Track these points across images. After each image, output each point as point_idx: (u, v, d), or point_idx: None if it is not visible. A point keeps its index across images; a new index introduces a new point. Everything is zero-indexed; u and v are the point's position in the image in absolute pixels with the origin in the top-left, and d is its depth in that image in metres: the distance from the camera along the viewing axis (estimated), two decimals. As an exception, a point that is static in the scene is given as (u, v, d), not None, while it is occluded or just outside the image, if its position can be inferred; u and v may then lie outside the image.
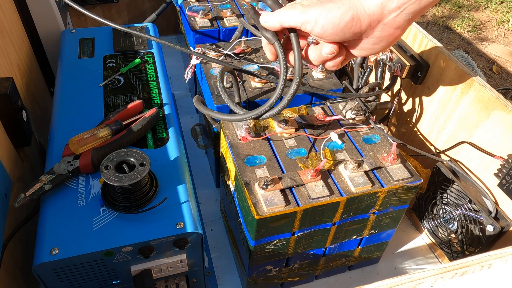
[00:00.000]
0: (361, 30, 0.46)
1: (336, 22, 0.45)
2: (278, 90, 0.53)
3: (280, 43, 0.51)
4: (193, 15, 0.98)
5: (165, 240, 0.56)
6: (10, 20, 0.85)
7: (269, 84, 0.80)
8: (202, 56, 0.79)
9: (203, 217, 0.90)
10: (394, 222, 0.72)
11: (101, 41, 0.91)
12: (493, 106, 0.68)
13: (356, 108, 0.73)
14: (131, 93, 0.78)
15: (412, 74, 0.82)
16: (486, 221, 0.69)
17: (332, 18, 0.45)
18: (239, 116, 0.60)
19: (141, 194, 0.58)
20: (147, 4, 1.40)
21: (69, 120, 0.72)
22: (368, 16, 0.45)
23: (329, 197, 0.60)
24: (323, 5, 0.45)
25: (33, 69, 0.95)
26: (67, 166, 0.61)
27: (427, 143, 0.85)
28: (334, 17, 0.45)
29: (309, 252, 0.70)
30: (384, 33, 0.46)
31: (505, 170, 0.66)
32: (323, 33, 0.46)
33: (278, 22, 0.49)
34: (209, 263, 0.81)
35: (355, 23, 0.45)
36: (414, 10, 0.44)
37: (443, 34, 2.35)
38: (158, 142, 0.69)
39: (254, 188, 0.60)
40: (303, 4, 0.47)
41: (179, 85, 1.26)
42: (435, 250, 0.87)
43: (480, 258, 0.41)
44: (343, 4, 0.45)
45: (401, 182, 0.63)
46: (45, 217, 0.58)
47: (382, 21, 0.45)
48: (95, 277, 0.59)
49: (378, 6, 0.44)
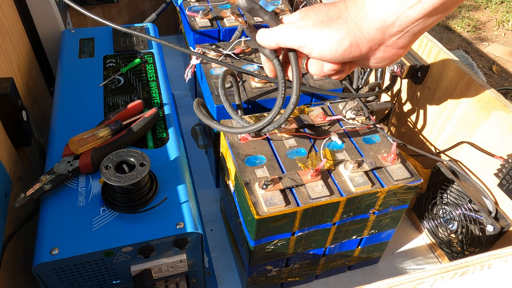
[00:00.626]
0: (361, 54, 0.44)
1: (333, 49, 0.43)
2: (276, 107, 0.53)
3: (279, 61, 0.50)
4: (193, 15, 0.98)
5: (165, 240, 0.56)
6: (10, 20, 0.85)
7: (269, 84, 0.80)
8: (202, 56, 0.79)
9: (203, 217, 0.90)
10: (394, 222, 0.72)
11: (101, 41, 0.91)
12: (493, 106, 0.68)
13: (356, 108, 0.73)
14: (131, 93, 0.78)
15: (412, 74, 0.82)
16: (486, 221, 0.69)
17: (328, 45, 0.43)
18: (238, 130, 0.61)
19: (141, 194, 0.58)
20: (147, 4, 1.40)
21: (69, 120, 0.72)
22: (368, 41, 0.42)
23: (329, 197, 0.60)
24: (319, 30, 0.43)
25: (33, 69, 0.95)
26: (67, 166, 0.61)
27: (427, 143, 0.85)
28: (331, 44, 0.43)
29: (309, 252, 0.70)
30: (387, 54, 0.44)
31: (505, 170, 0.66)
32: (321, 57, 0.45)
33: (274, 42, 0.47)
34: (209, 263, 0.81)
35: (354, 49, 0.43)
36: (419, 30, 0.41)
37: (443, 34, 2.35)
38: (158, 142, 0.69)
39: (254, 188, 0.60)
40: (299, 25, 0.44)
41: (179, 85, 1.26)
42: (435, 250, 0.87)
43: (480, 258, 0.41)
44: (339, 30, 0.42)
45: (401, 182, 0.63)
46: (45, 217, 0.58)
47: (383, 44, 0.43)
48: (95, 277, 0.59)
49: (378, 31, 0.41)
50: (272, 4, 1.06)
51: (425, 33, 0.81)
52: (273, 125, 0.56)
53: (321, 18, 0.44)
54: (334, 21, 0.43)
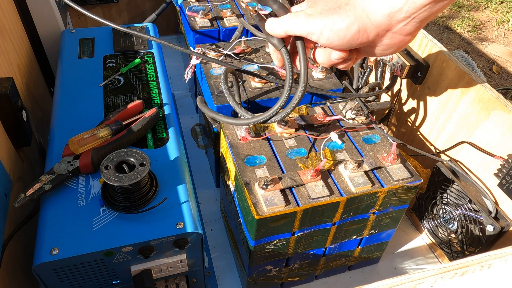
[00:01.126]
0: (369, 40, 0.45)
1: (341, 34, 0.44)
2: (283, 96, 0.53)
3: (286, 50, 0.50)
4: (193, 15, 0.98)
5: (165, 240, 0.56)
6: (10, 20, 0.85)
7: (269, 84, 0.80)
8: (202, 56, 0.79)
9: (203, 217, 0.90)
10: (394, 222, 0.72)
11: (101, 41, 0.91)
12: (493, 106, 0.68)
13: (356, 108, 0.73)
14: (131, 93, 0.78)
15: (412, 74, 0.82)
16: (486, 221, 0.69)
17: (337, 31, 0.44)
18: (245, 121, 0.60)
19: (141, 194, 0.58)
20: (147, 4, 1.40)
21: (69, 120, 0.72)
22: (375, 27, 0.43)
23: (329, 197, 0.60)
24: (327, 16, 0.44)
25: (33, 69, 0.95)
26: (67, 166, 0.61)
27: (427, 143, 0.85)
28: (339, 29, 0.44)
29: (309, 252, 0.70)
30: (394, 41, 0.45)
31: (505, 170, 0.66)
32: (329, 44, 0.46)
33: (283, 30, 0.48)
34: (209, 263, 0.81)
35: (361, 34, 0.44)
36: (425, 17, 0.42)
37: (443, 34, 2.35)
38: (158, 142, 0.69)
39: (254, 188, 0.60)
40: (307, 13, 0.46)
41: (179, 85, 1.26)
42: (435, 250, 0.87)
43: (480, 258, 0.41)
44: (347, 16, 0.43)
45: (401, 182, 0.63)
46: (45, 217, 0.58)
47: (390, 30, 0.43)
48: (95, 277, 0.59)
49: (385, 17, 0.42)
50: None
51: (425, 33, 0.81)
52: (281, 115, 0.56)
53: (329, 5, 0.45)
54: (342, 7, 0.44)
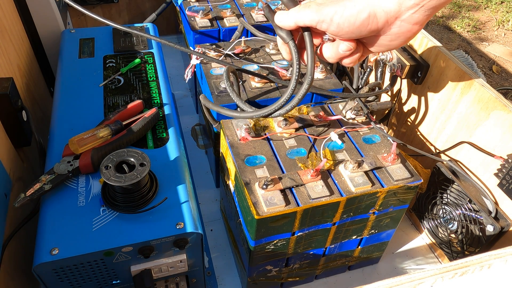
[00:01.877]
0: (378, 27, 0.45)
1: (352, 20, 0.44)
2: (290, 88, 0.53)
3: (294, 43, 0.51)
4: (193, 15, 0.98)
5: (165, 240, 0.56)
6: (10, 20, 0.85)
7: (269, 84, 0.80)
8: (202, 56, 0.79)
9: (203, 217, 0.90)
10: (394, 222, 0.72)
11: (101, 41, 0.91)
12: (493, 106, 0.68)
13: (356, 108, 0.73)
14: (131, 93, 0.78)
15: (412, 74, 0.82)
16: (486, 221, 0.69)
17: (348, 16, 0.44)
18: (250, 114, 0.60)
19: (141, 194, 0.58)
20: (147, 4, 1.40)
21: (69, 120, 0.72)
22: (385, 13, 0.44)
23: (329, 197, 0.60)
24: (338, 3, 0.45)
25: (33, 69, 0.95)
26: (67, 166, 0.61)
27: (427, 143, 0.85)
28: (350, 15, 0.44)
29: (309, 252, 0.70)
30: (402, 29, 0.45)
31: (505, 170, 0.66)
32: (339, 31, 0.46)
33: (293, 21, 0.48)
34: (209, 263, 0.81)
35: (371, 20, 0.44)
36: (434, 6, 0.42)
37: (443, 34, 2.35)
38: (158, 142, 0.69)
39: (254, 188, 0.60)
40: (318, 2, 0.46)
41: (179, 85, 1.26)
42: (435, 250, 0.87)
43: (480, 258, 0.41)
44: (359, 2, 0.44)
45: (401, 182, 0.63)
46: (45, 217, 0.58)
47: (399, 17, 0.44)
48: (95, 277, 0.59)
49: (395, 3, 0.43)
50: (272, 4, 1.06)
51: (425, 33, 0.81)
52: (286, 107, 0.56)
53: None
54: None
